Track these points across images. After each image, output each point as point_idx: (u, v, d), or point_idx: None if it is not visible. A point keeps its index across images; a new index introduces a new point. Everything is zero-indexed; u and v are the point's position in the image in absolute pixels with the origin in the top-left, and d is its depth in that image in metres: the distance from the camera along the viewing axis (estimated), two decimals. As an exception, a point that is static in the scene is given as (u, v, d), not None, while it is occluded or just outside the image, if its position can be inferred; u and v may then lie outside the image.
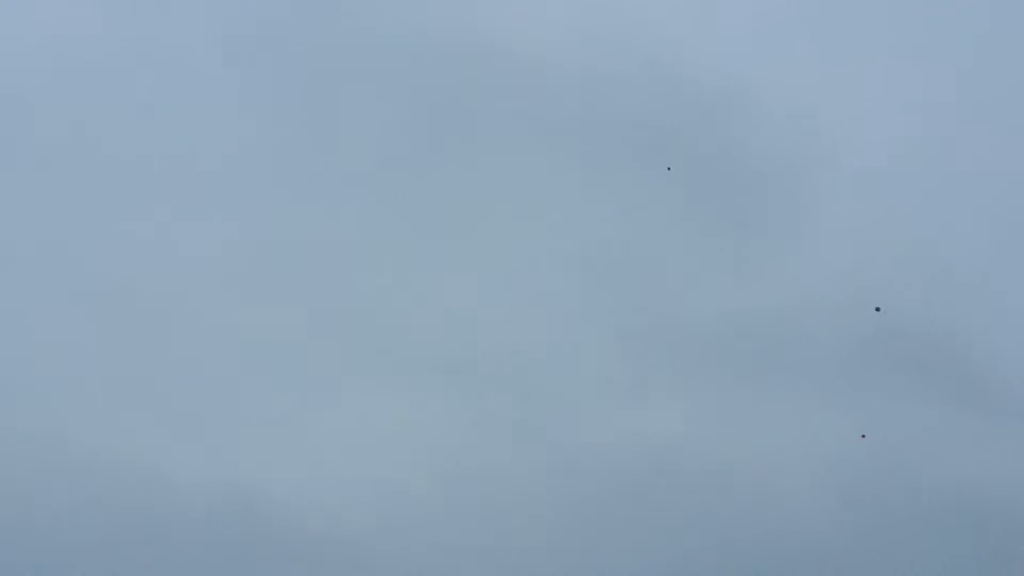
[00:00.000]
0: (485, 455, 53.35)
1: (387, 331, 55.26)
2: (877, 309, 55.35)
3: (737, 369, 56.43)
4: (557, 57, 61.39)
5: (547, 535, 52.06)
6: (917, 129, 62.19)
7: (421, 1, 60.78)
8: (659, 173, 58.35)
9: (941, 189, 61.58)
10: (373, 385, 54.28)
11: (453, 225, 58.32)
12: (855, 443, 53.89)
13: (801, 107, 61.20)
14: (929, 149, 62.11)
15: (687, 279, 58.65)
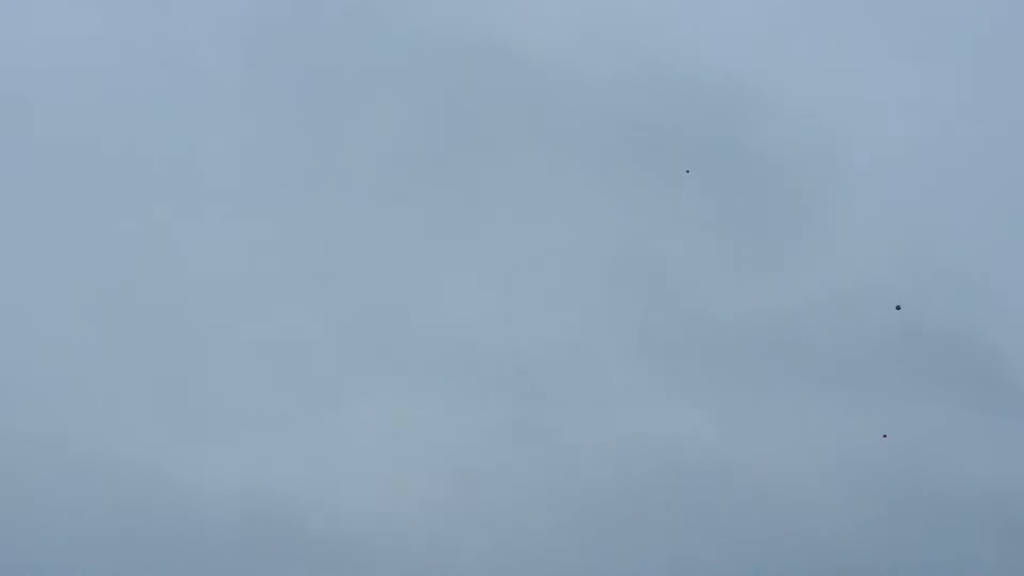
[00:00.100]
0: (496, 456, 53.32)
1: (397, 333, 55.27)
2: (897, 307, 55.44)
3: (755, 369, 56.37)
4: (575, 60, 61.46)
5: (558, 535, 51.97)
6: (935, 129, 62.17)
7: (428, 3, 60.72)
8: (676, 175, 58.36)
9: (961, 188, 61.64)
10: (382, 387, 54.26)
11: (463, 227, 58.31)
12: (876, 443, 53.79)
13: (819, 108, 61.22)
14: (948, 149, 62.09)
15: (704, 280, 58.66)
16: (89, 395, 52.18)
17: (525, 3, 60.97)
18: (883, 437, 53.56)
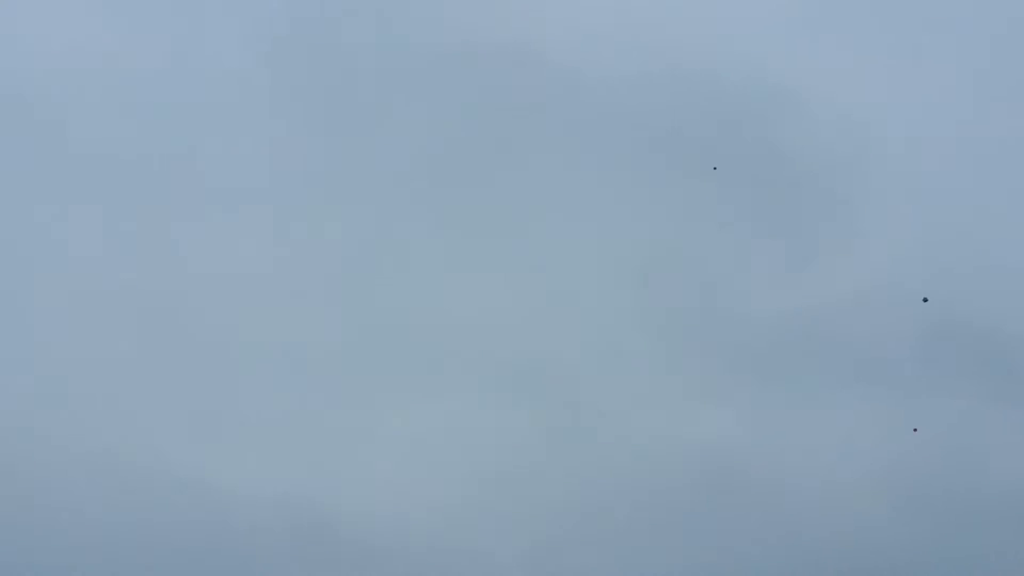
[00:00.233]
0: (528, 460, 53.08)
1: (427, 338, 55.20)
2: (924, 300, 54.77)
3: (787, 369, 55.86)
4: (599, 60, 61.42)
5: (590, 539, 51.58)
6: (964, 126, 61.69)
7: (449, 7, 61.03)
8: (705, 174, 58.01)
9: (989, 184, 61.00)
10: (413, 392, 54.17)
11: (490, 229, 58.28)
12: (908, 438, 52.88)
13: (849, 105, 60.91)
14: (976, 145, 61.44)
15: (734, 280, 58.27)
16: (125, 406, 52.43)
17: (548, 5, 61.07)
18: (914, 431, 52.94)
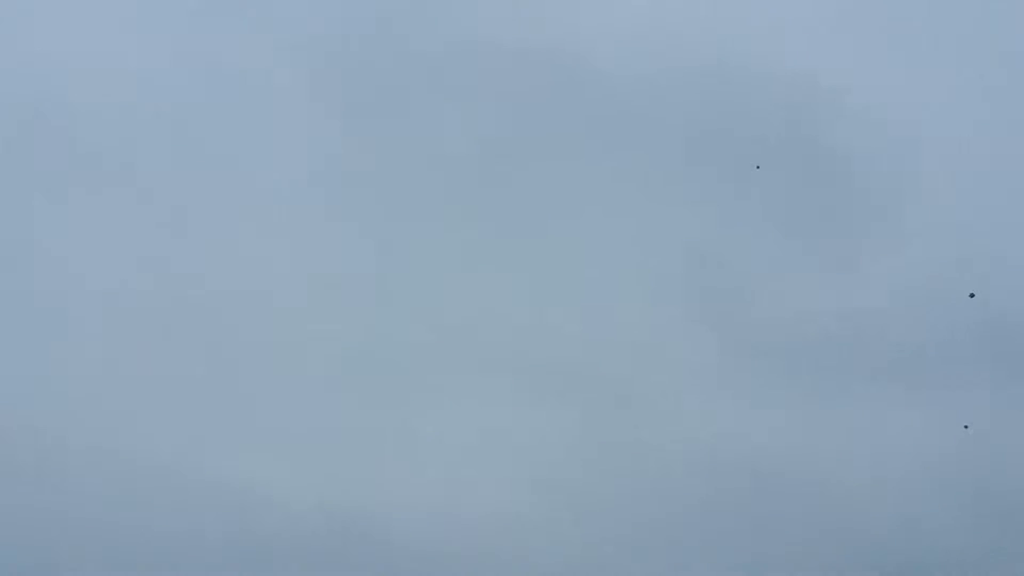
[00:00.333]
0: (575, 463, 52.86)
1: (472, 342, 54.84)
2: (971, 295, 54.83)
3: (833, 369, 55.73)
4: (636, 60, 61.00)
5: (639, 542, 51.50)
6: (1007, 124, 61.48)
7: (487, 12, 60.60)
8: (747, 174, 57.85)
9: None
10: (460, 396, 53.85)
11: (535, 234, 57.91)
12: (959, 436, 52.94)
13: (890, 102, 60.65)
14: (1021, 141, 61.28)
15: (778, 280, 57.97)
16: (163, 415, 52.04)
17: (587, 7, 60.73)
18: (964, 428, 53.05)
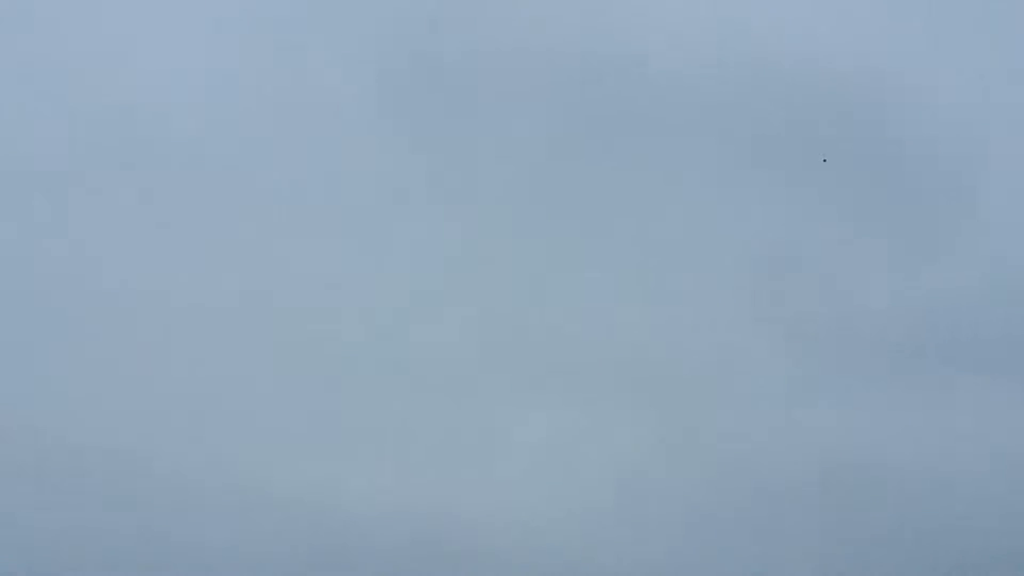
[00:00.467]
0: (655, 464, 52.92)
1: (548, 345, 54.90)
2: None
3: (907, 363, 55.39)
4: (701, 60, 60.79)
5: (720, 542, 51.51)
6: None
7: (557, 19, 60.43)
8: (814, 168, 57.60)
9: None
10: (536, 400, 53.98)
11: (606, 235, 57.88)
12: None
13: (961, 92, 60.09)
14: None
15: (849, 274, 57.71)
16: (246, 426, 52.29)
17: (646, 8, 60.41)
18: None
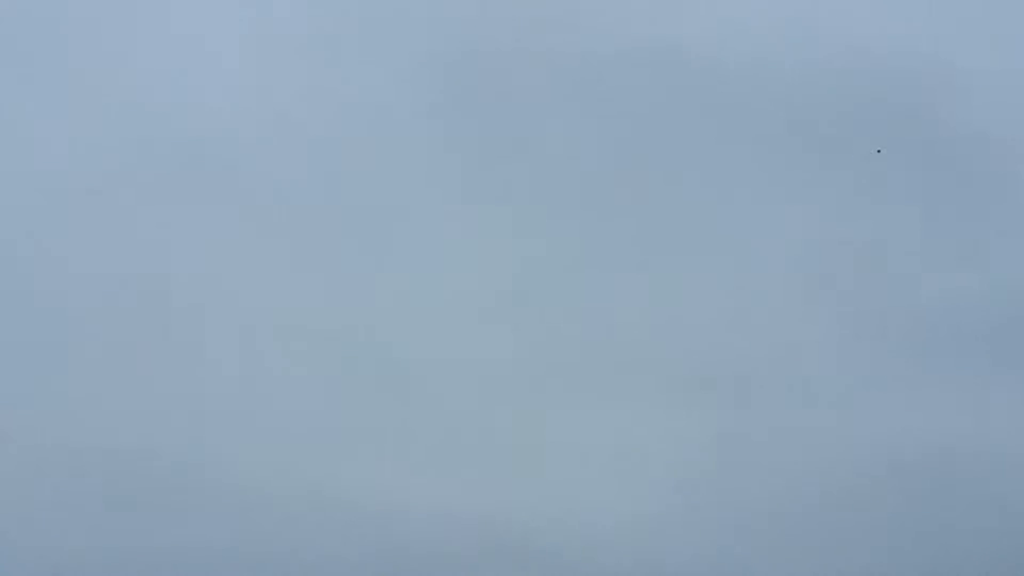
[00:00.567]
0: (715, 463, 52.83)
1: (605, 346, 54.85)
2: None
3: (972, 356, 55.17)
4: (750, 52, 60.50)
5: (782, 542, 51.52)
6: None
7: (602, 12, 60.44)
8: (869, 159, 57.47)
9: None
10: (603, 402, 53.81)
11: (663, 233, 57.67)
12: None
13: (1016, 79, 59.67)
14: None
15: (908, 266, 57.35)
16: (306, 436, 52.41)
17: (707, 2, 60.28)
18: None
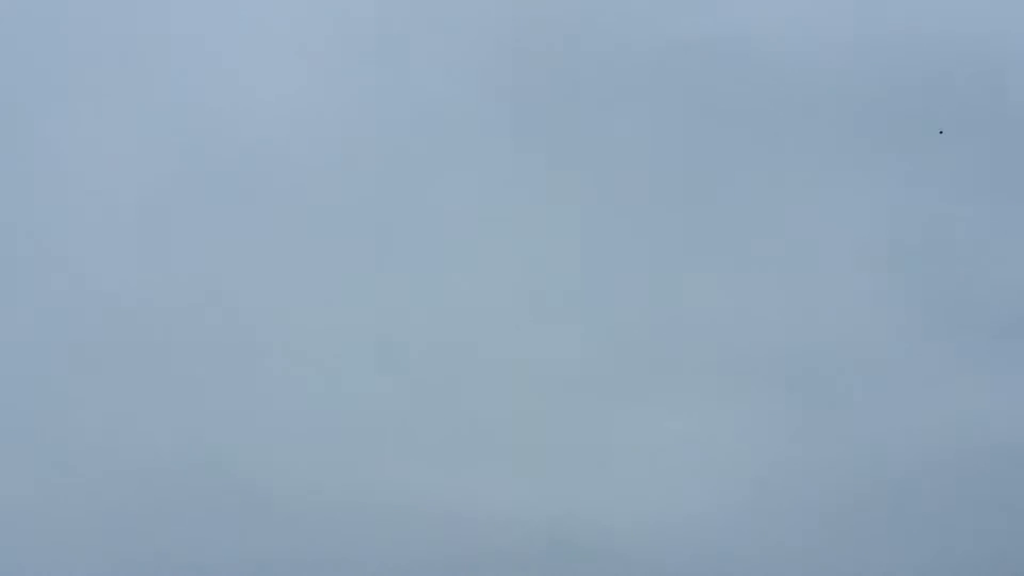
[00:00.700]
0: (793, 456, 52.76)
1: (678, 340, 54.80)
2: None
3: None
4: (805, 38, 60.56)
5: (863, 534, 51.43)
6: None
7: (654, 8, 60.45)
8: (932, 139, 57.08)
9: None
10: (673, 398, 53.74)
11: (731, 227, 57.62)
12: None
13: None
14: None
15: (981, 248, 57.05)
16: (375, 442, 52.42)
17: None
18: None
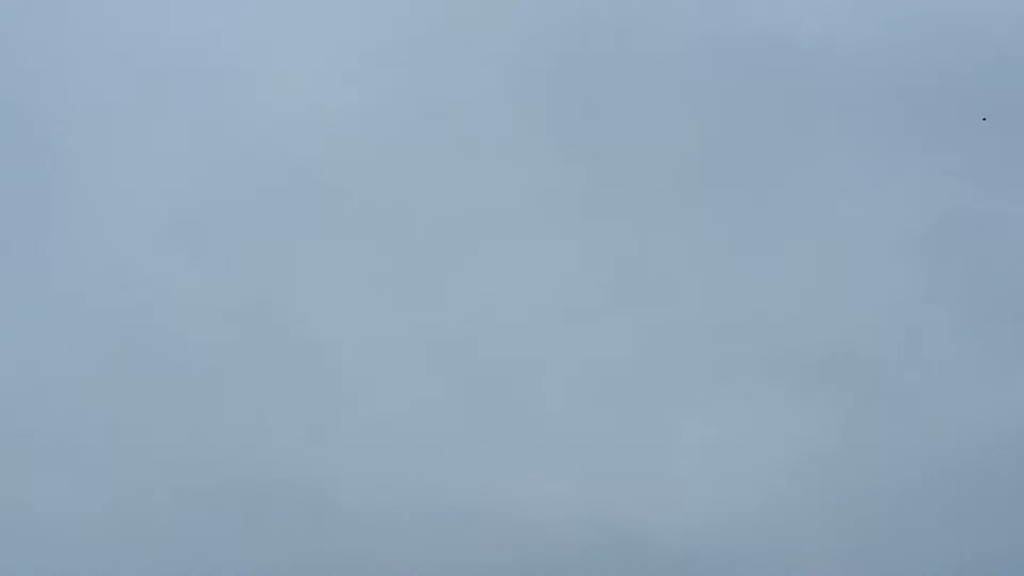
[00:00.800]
0: (831, 450, 52.71)
1: (714, 336, 54.75)
2: None
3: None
4: (847, 27, 60.17)
5: (902, 527, 51.24)
6: None
7: (701, 6, 60.37)
8: (976, 126, 56.94)
9: None
10: (706, 393, 53.72)
11: (768, 221, 57.59)
12: None
13: None
14: None
15: (1021, 239, 56.92)
16: (424, 441, 52.65)
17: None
18: None
